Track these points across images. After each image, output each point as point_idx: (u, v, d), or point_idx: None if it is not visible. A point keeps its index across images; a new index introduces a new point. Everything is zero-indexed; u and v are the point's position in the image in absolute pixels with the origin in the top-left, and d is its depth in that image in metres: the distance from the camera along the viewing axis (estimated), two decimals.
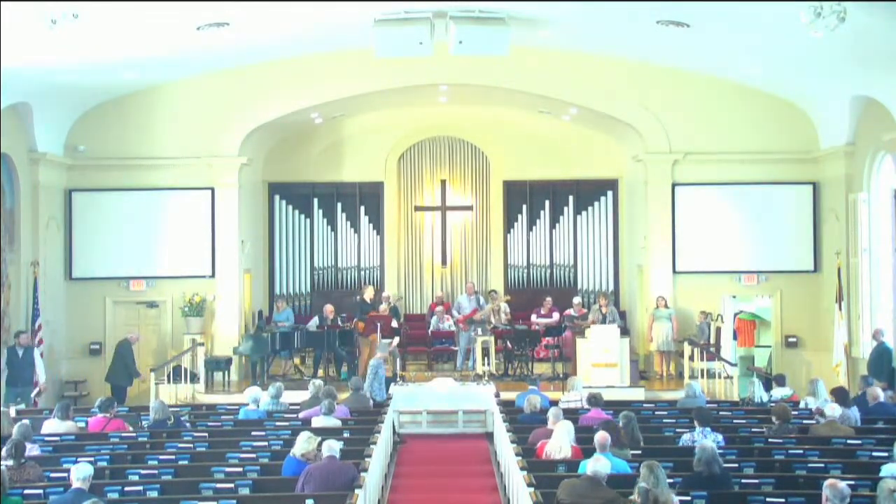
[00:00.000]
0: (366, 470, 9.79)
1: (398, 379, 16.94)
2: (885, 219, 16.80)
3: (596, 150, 21.54)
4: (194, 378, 17.47)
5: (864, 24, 12.81)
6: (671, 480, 8.37)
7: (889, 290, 16.50)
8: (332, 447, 9.23)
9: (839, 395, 13.22)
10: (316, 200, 21.74)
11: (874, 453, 10.58)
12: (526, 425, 12.11)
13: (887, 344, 15.90)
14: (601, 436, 9.43)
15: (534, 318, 19.37)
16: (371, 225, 21.83)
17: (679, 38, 16.02)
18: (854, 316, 17.62)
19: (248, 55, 18.04)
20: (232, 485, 9.23)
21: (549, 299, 19.75)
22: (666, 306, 18.59)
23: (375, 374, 14.93)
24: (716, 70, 18.51)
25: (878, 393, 13.37)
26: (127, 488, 9.11)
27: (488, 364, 17.80)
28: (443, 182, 21.93)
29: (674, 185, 19.19)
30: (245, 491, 9.16)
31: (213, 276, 19.06)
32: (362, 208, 21.79)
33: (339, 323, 18.34)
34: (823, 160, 18.78)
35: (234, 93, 18.93)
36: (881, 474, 9.02)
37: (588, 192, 21.75)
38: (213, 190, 19.12)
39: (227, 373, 18.03)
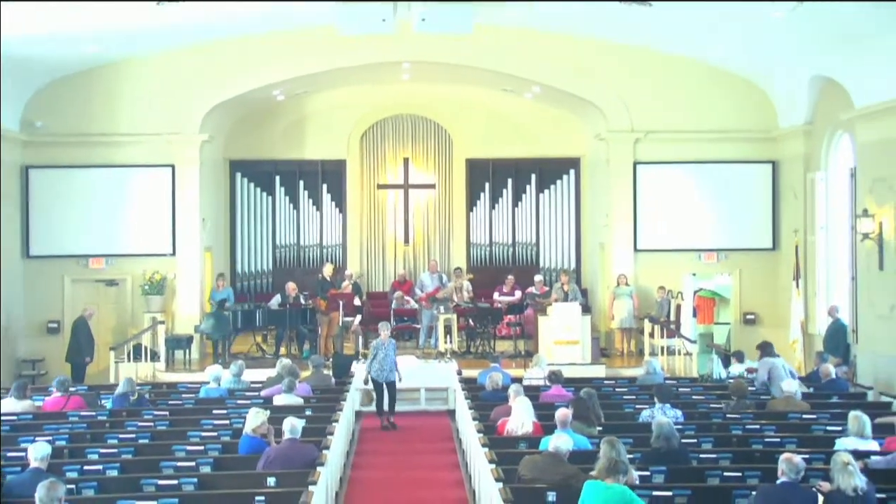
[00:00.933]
0: (327, 448, 9.79)
1: (360, 357, 16.91)
2: (841, 197, 16.97)
3: (558, 128, 21.55)
4: (155, 356, 17.34)
5: (822, 5, 12.92)
6: (631, 456, 8.44)
7: (845, 268, 16.71)
8: (295, 426, 9.19)
9: (763, 348, 13.41)
10: (278, 178, 21.59)
11: (828, 427, 10.79)
12: (488, 402, 12.17)
13: (842, 321, 16.13)
14: (562, 412, 9.49)
15: (496, 296, 19.41)
16: (333, 203, 21.73)
17: (641, 17, 16.02)
18: (811, 293, 17.84)
19: (210, 31, 17.82)
20: (193, 463, 9.20)
21: (510, 277, 19.80)
22: (627, 284, 18.71)
23: (375, 356, 14.58)
24: (678, 49, 18.57)
25: (830, 370, 13.62)
26: (86, 467, 9.04)
27: (450, 342, 17.83)
28: (405, 160, 21.86)
29: (635, 164, 19.27)
30: (206, 469, 9.14)
31: (173, 254, 18.89)
32: (324, 186, 21.68)
33: (302, 301, 18.26)
34: (782, 139, 18.94)
35: (195, 69, 18.71)
36: (835, 448, 9.17)
37: (550, 171, 21.79)
38: (173, 167, 18.91)
39: (188, 351, 17.90)
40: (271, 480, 8.58)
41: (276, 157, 21.47)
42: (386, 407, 14.61)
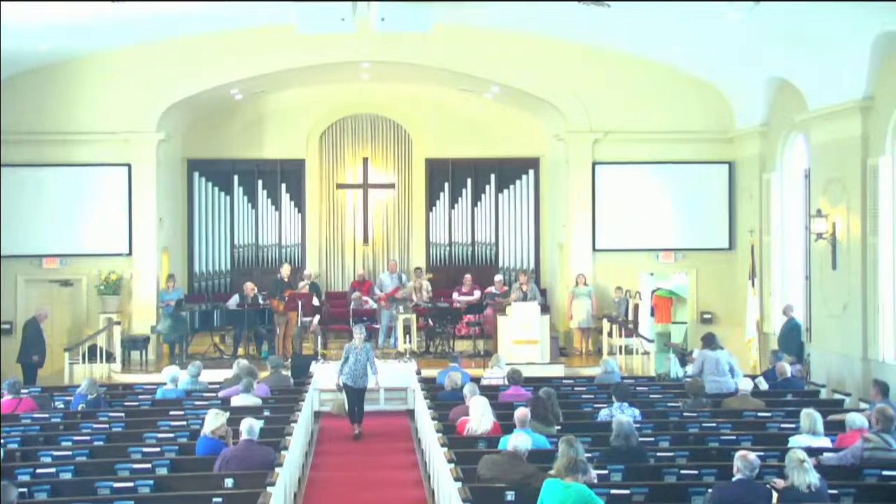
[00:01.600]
0: (286, 448, 9.74)
1: (319, 357, 16.85)
2: (796, 198, 17.18)
3: (518, 128, 21.62)
4: (110, 357, 17.15)
5: (778, 7, 13.08)
6: (589, 455, 8.48)
7: (799, 268, 16.91)
8: (252, 427, 9.12)
9: (706, 339, 13.60)
10: (236, 177, 21.45)
11: (783, 425, 10.93)
12: (447, 402, 12.18)
13: (797, 320, 16.33)
14: (521, 412, 9.51)
15: (455, 295, 19.42)
16: (292, 202, 21.63)
17: (600, 18, 16.12)
18: (766, 293, 18.05)
19: (168, 29, 17.65)
20: (149, 465, 9.10)
21: (468, 277, 19.82)
22: (585, 284, 18.81)
23: (346, 360, 13.91)
24: (636, 50, 18.69)
25: (786, 368, 13.79)
26: (39, 470, 8.90)
27: (410, 342, 17.82)
28: (365, 160, 21.81)
29: (594, 164, 19.37)
30: (163, 471, 9.03)
31: (129, 253, 18.69)
32: (283, 186, 21.57)
33: (260, 301, 18.14)
34: (739, 140, 19.15)
35: (152, 68, 18.52)
36: (789, 445, 9.27)
37: (510, 171, 21.85)
38: (129, 166, 18.71)
39: (144, 352, 17.73)
40: (229, 482, 8.51)
41: (235, 156, 21.33)
42: (357, 414, 14.09)
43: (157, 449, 9.74)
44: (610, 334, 18.08)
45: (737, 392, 12.37)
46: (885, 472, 8.70)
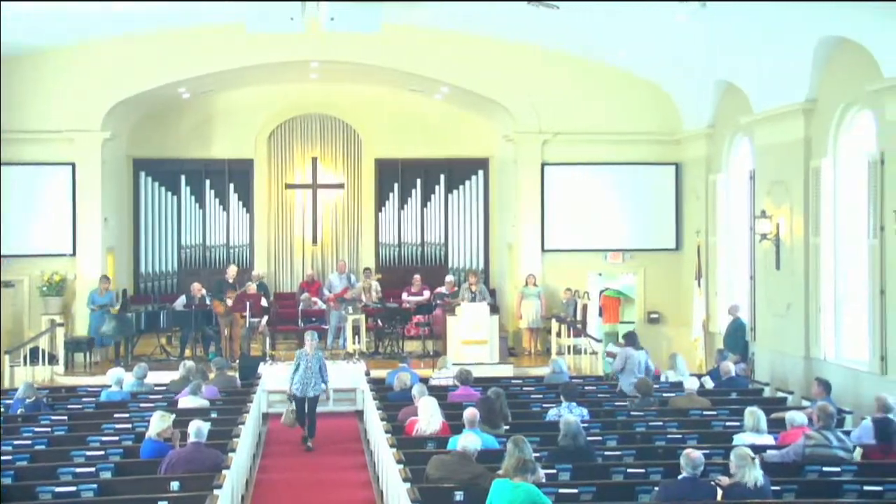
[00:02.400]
0: (233, 451, 9.65)
1: (268, 358, 16.73)
2: (741, 199, 17.43)
3: (467, 129, 21.67)
4: (53, 360, 16.86)
5: (724, 10, 13.25)
6: (538, 454, 8.52)
7: (744, 268, 17.16)
8: (200, 430, 9.02)
9: (628, 338, 13.90)
10: (183, 177, 21.24)
11: (727, 423, 11.07)
12: (396, 403, 12.17)
13: (742, 319, 16.55)
14: (470, 412, 9.53)
15: (405, 296, 19.42)
16: (241, 203, 21.46)
17: (550, 20, 16.22)
18: (712, 292, 18.29)
19: (114, 27, 17.40)
20: (93, 469, 8.94)
21: (417, 277, 19.84)
22: (535, 284, 18.90)
23: (297, 368, 13.26)
24: (585, 52, 18.83)
25: (730, 367, 13.97)
26: None
27: (359, 342, 17.77)
28: (314, 160, 21.70)
29: (543, 165, 19.49)
30: (107, 475, 8.88)
31: (73, 254, 18.44)
32: (231, 186, 21.39)
33: (207, 302, 17.95)
34: (686, 142, 19.39)
35: (97, 65, 18.27)
36: (733, 443, 9.39)
37: (459, 171, 21.87)
38: (73, 165, 18.45)
39: (88, 354, 17.45)
40: (175, 485, 8.41)
41: (182, 155, 21.11)
42: (307, 426, 13.40)
43: (101, 452, 9.60)
44: (559, 334, 18.18)
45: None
46: (825, 469, 8.86)
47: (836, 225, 14.33)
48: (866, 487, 8.43)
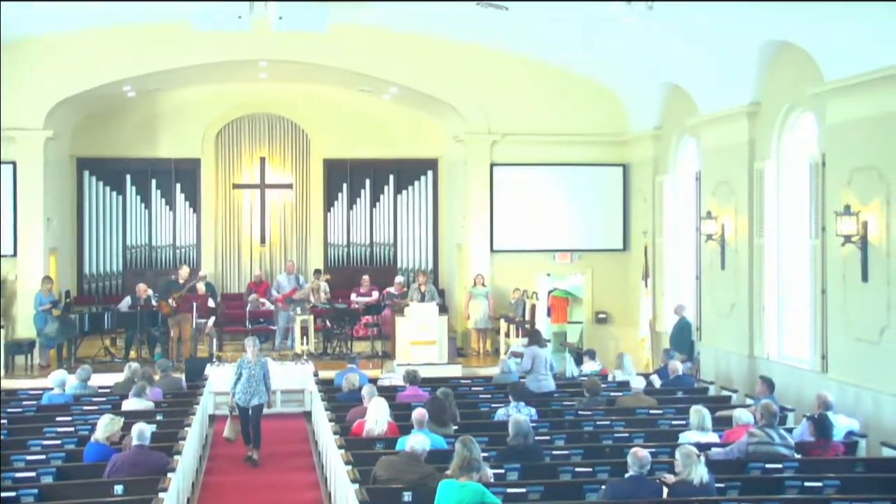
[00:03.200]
0: (179, 453, 9.54)
1: (214, 359, 16.58)
2: (687, 200, 17.61)
3: (417, 129, 21.70)
4: None
5: (671, 12, 13.38)
6: (486, 454, 8.55)
7: (690, 268, 17.35)
8: (143, 433, 8.91)
9: (531, 336, 14.09)
10: (129, 177, 21.02)
11: (673, 422, 11.21)
12: (344, 404, 12.13)
13: (688, 319, 16.70)
14: (419, 412, 9.54)
15: (353, 296, 19.36)
16: (187, 203, 21.30)
17: (497, 20, 16.27)
18: (658, 292, 18.46)
19: (56, 23, 17.09)
20: (33, 473, 8.79)
21: (366, 277, 19.78)
22: (483, 284, 18.93)
23: (239, 377, 12.45)
24: (534, 53, 18.87)
25: (678, 366, 14.14)
26: None
27: (307, 343, 17.70)
28: (262, 160, 21.60)
29: (492, 165, 19.52)
30: (48, 479, 8.73)
31: (14, 254, 18.02)
32: (178, 185, 21.22)
33: (153, 303, 17.73)
34: (633, 143, 19.55)
35: (38, 63, 17.89)
36: (679, 441, 9.54)
37: (409, 172, 21.91)
38: (14, 164, 18.05)
39: (29, 356, 17.11)
40: (118, 489, 8.30)
41: (127, 155, 20.88)
42: (252, 437, 12.70)
43: (43, 457, 9.44)
44: (507, 334, 18.25)
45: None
46: (768, 466, 9.00)
47: (779, 226, 14.55)
48: (807, 483, 8.58)
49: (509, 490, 8.25)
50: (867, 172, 11.86)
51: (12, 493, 8.14)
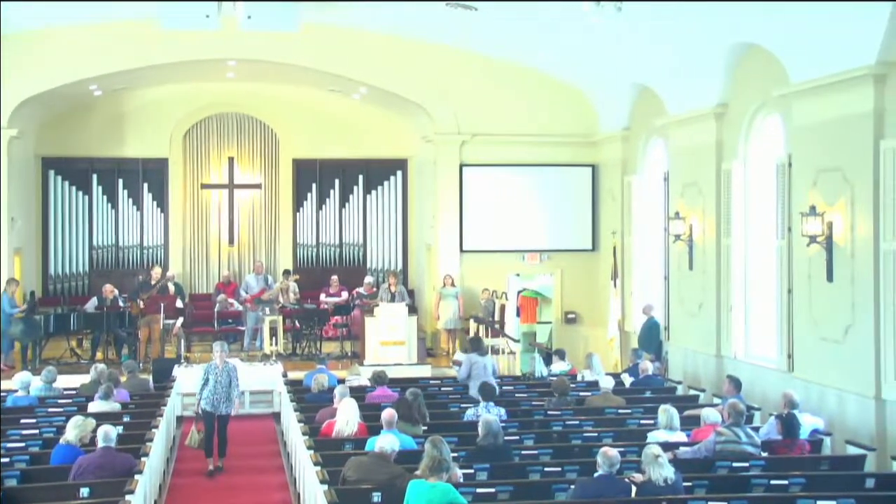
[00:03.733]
0: (146, 455, 9.47)
1: (182, 360, 16.47)
2: (655, 200, 17.68)
3: (386, 129, 21.67)
4: None
5: (639, 13, 13.44)
6: (456, 454, 8.55)
7: (659, 268, 17.43)
8: (108, 434, 8.82)
9: (472, 343, 14.03)
10: (95, 176, 20.84)
11: (642, 421, 11.28)
12: (313, 404, 12.09)
13: (656, 319, 16.81)
14: (388, 413, 9.52)
15: (322, 297, 19.31)
16: (155, 203, 21.16)
17: (467, 21, 16.28)
18: (627, 292, 18.56)
19: (21, 21, 16.86)
20: None
21: (334, 278, 19.70)
22: (453, 285, 18.93)
23: (206, 382, 12.10)
24: (504, 53, 18.90)
25: (648, 366, 14.23)
26: None
27: (276, 343, 17.65)
28: (231, 159, 21.50)
29: (462, 166, 19.53)
30: (12, 482, 8.62)
31: None
32: (145, 185, 21.08)
33: (120, 304, 17.57)
34: (602, 144, 19.64)
35: (2, 61, 17.60)
36: (647, 441, 9.58)
37: (378, 172, 21.91)
38: None
39: None
40: (84, 491, 8.21)
41: (93, 154, 20.72)
42: (217, 446, 12.35)
43: (7, 459, 9.29)
44: (476, 334, 18.21)
45: None
46: (735, 465, 9.08)
47: (746, 226, 14.68)
48: (773, 482, 8.66)
49: (479, 490, 8.27)
50: (832, 174, 11.98)
51: None
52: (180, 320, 17.77)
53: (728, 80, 14.69)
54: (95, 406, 11.54)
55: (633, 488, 8.05)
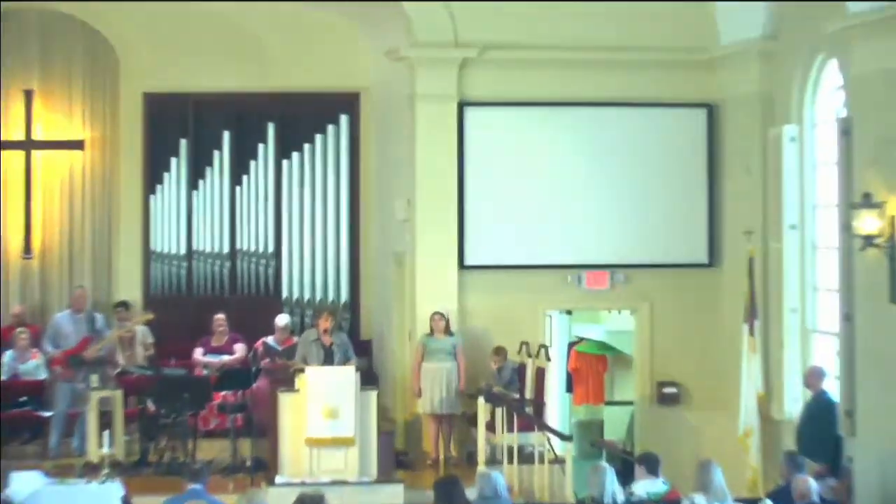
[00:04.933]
0: None
1: None
2: (827, 172, 17.40)
3: (319, 41, 22.21)
4: None
5: None
6: None
7: (833, 299, 17.03)
8: None
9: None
10: None
11: None
12: None
13: (830, 395, 16.44)
14: None
15: (198, 353, 19.38)
16: None
17: None
18: (775, 344, 18.16)
19: None
20: None
21: (220, 317, 19.73)
22: (448, 331, 18.78)
23: None
24: None
25: (810, 488, 13.66)
26: None
27: (110, 445, 17.22)
28: (27, 95, 21.94)
29: (462, 104, 19.46)
30: None
31: None
32: None
33: None
34: (724, 65, 19.52)
35: None
36: None
37: (304, 118, 22.37)
38: None
39: None
40: None
41: None
42: None
43: None
44: (490, 425, 17.91)
45: None
46: None
47: None
48: None
49: None
50: None
51: None
52: None
53: None
54: None
55: None
